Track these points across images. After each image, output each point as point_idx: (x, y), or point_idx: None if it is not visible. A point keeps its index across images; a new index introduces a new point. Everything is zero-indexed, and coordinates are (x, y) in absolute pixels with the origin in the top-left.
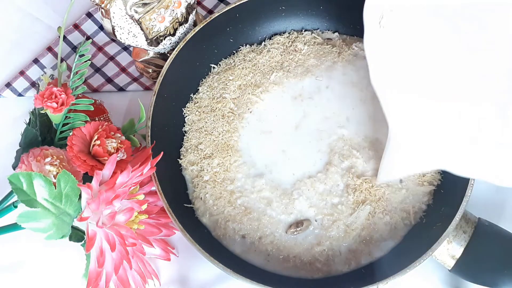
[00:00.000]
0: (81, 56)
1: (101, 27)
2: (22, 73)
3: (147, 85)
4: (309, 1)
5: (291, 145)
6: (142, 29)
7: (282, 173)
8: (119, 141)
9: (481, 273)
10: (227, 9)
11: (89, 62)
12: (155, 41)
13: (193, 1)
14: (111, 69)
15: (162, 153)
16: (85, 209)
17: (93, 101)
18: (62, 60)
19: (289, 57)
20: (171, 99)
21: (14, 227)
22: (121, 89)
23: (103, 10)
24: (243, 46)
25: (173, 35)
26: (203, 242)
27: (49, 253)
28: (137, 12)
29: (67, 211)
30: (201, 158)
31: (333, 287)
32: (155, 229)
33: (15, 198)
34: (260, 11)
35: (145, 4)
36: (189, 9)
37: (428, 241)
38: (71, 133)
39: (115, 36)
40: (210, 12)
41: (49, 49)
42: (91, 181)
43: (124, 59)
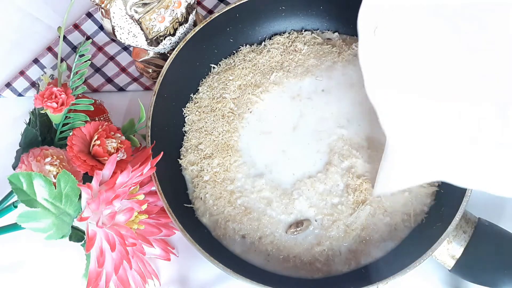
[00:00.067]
0: (81, 56)
1: (101, 27)
2: (22, 73)
3: (147, 85)
4: (309, 1)
5: (291, 145)
6: (142, 29)
7: (282, 173)
8: (119, 141)
9: (481, 273)
10: (227, 9)
11: (89, 62)
12: (155, 41)
13: (193, 1)
14: (111, 69)
15: (162, 153)
16: (85, 209)
17: (93, 101)
18: (62, 60)
19: (289, 57)
20: (171, 99)
21: (14, 227)
22: (121, 89)
23: (103, 10)
24: (243, 46)
25: (173, 35)
26: (203, 242)
27: (49, 253)
28: (137, 12)
29: (67, 211)
30: (201, 158)
31: (333, 287)
32: (155, 229)
33: (15, 198)
34: (260, 11)
35: (145, 4)
36: (189, 9)
37: (428, 241)
38: (71, 133)
39: (115, 36)
40: (210, 12)
41: (49, 49)
42: (91, 181)
43: (124, 59)
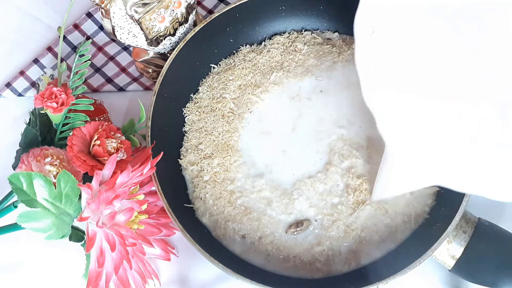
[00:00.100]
0: (81, 56)
1: (101, 27)
2: (22, 73)
3: (147, 85)
4: (309, 1)
5: (291, 145)
6: (142, 29)
7: (282, 173)
8: (119, 141)
9: (481, 273)
10: (227, 9)
11: (89, 62)
12: (155, 41)
13: (193, 1)
14: (111, 69)
15: (162, 153)
16: (85, 209)
17: (93, 101)
18: (62, 60)
19: (289, 57)
20: (171, 99)
21: (14, 227)
22: (121, 89)
23: (103, 10)
24: (243, 46)
25: (173, 35)
26: (203, 242)
27: (49, 253)
28: (137, 12)
29: (67, 211)
30: (201, 158)
31: (333, 287)
32: (155, 229)
33: (15, 198)
34: (260, 11)
35: (145, 4)
36: (189, 9)
37: (428, 241)
38: (71, 133)
39: (115, 36)
40: (210, 12)
41: (49, 49)
42: (91, 181)
43: (124, 59)
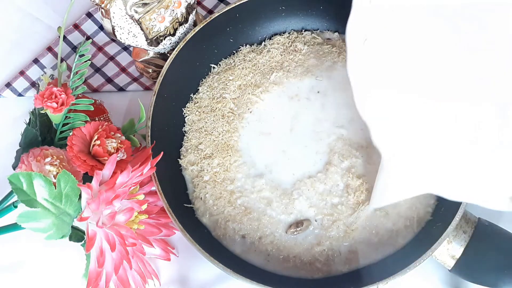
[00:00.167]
0: (81, 56)
1: (101, 27)
2: (22, 73)
3: (147, 85)
4: (309, 1)
5: (291, 145)
6: (142, 29)
7: (282, 173)
8: (119, 141)
9: (481, 273)
10: (227, 9)
11: (89, 62)
12: (155, 41)
13: (193, 1)
14: (111, 69)
15: (162, 153)
16: (85, 209)
17: (93, 101)
18: (62, 60)
19: (289, 57)
20: (171, 99)
21: (14, 227)
22: (121, 89)
23: (103, 10)
24: (243, 46)
25: (173, 35)
26: (203, 242)
27: (49, 253)
28: (137, 12)
29: (67, 211)
30: (201, 158)
31: (333, 287)
32: (155, 229)
33: (15, 198)
34: (260, 11)
35: (145, 4)
36: (189, 9)
37: (428, 241)
38: (71, 133)
39: (115, 36)
40: (210, 12)
41: (49, 49)
42: (91, 181)
43: (124, 59)
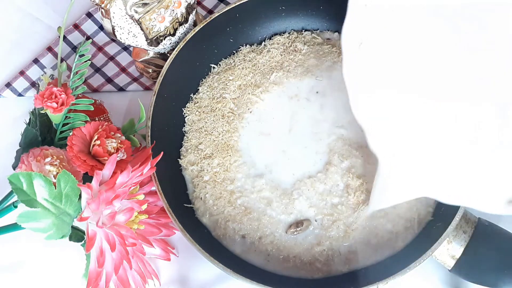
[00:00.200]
0: (81, 56)
1: (101, 27)
2: (22, 73)
3: (147, 85)
4: (309, 1)
5: (291, 145)
6: (142, 29)
7: (282, 173)
8: (119, 141)
9: (481, 273)
10: (227, 9)
11: (89, 62)
12: (155, 41)
13: (193, 1)
14: (111, 69)
15: (162, 153)
16: (85, 209)
17: (93, 101)
18: (62, 60)
19: (289, 57)
20: (171, 99)
21: (14, 227)
22: (121, 89)
23: (103, 10)
24: (243, 46)
25: (173, 35)
26: (203, 242)
27: (49, 253)
28: (137, 12)
29: (67, 211)
30: (201, 158)
31: (333, 287)
32: (155, 229)
33: (15, 198)
34: (260, 11)
35: (145, 4)
36: (189, 9)
37: (428, 241)
38: (71, 133)
39: (115, 36)
40: (210, 12)
41: (49, 49)
42: (91, 181)
43: (124, 59)
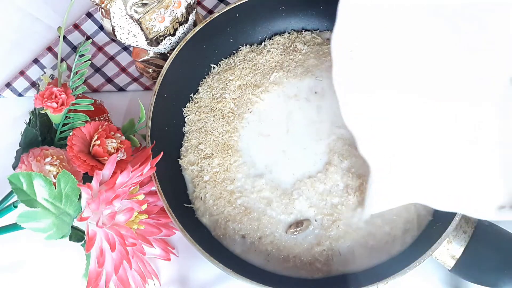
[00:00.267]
0: (81, 56)
1: (101, 27)
2: (22, 73)
3: (147, 85)
4: (309, 1)
5: (291, 145)
6: (142, 29)
7: (282, 173)
8: (119, 141)
9: (481, 273)
10: (227, 9)
11: (89, 62)
12: (155, 41)
13: (193, 1)
14: (111, 69)
15: (162, 153)
16: (85, 209)
17: (93, 101)
18: (62, 60)
19: (289, 57)
20: (171, 99)
21: (14, 227)
22: (121, 89)
23: (103, 10)
24: (243, 46)
25: (173, 35)
26: (203, 242)
27: (49, 253)
28: (137, 12)
29: (67, 211)
30: (201, 158)
31: (333, 287)
32: (155, 229)
33: (15, 198)
34: (260, 11)
35: (145, 4)
36: (189, 9)
37: (428, 241)
38: (71, 133)
39: (115, 36)
40: (210, 12)
41: (49, 49)
42: (91, 181)
43: (124, 59)
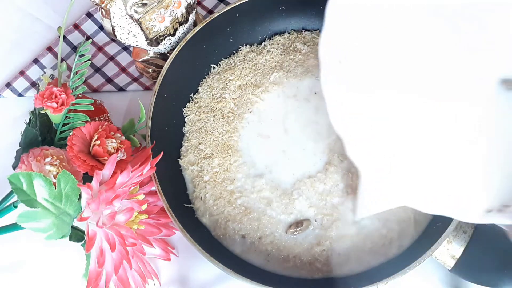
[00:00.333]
0: (81, 56)
1: (101, 27)
2: (22, 73)
3: (147, 85)
4: (309, 1)
5: (290, 145)
6: (142, 29)
7: (282, 173)
8: (119, 141)
9: (481, 273)
10: (227, 9)
11: (89, 62)
12: (155, 41)
13: (193, 1)
14: (111, 69)
15: (162, 153)
16: (85, 209)
17: (93, 101)
18: (62, 60)
19: (289, 57)
20: (171, 99)
21: (14, 227)
22: (121, 89)
23: (103, 10)
24: (243, 46)
25: (173, 35)
26: (203, 242)
27: (49, 253)
28: (137, 12)
29: (67, 211)
30: (201, 158)
31: (333, 287)
32: (155, 229)
33: (15, 198)
34: (260, 11)
35: (145, 4)
36: (189, 9)
37: (428, 241)
38: (71, 133)
39: (115, 36)
40: (210, 12)
41: (49, 49)
42: (91, 181)
43: (124, 59)
